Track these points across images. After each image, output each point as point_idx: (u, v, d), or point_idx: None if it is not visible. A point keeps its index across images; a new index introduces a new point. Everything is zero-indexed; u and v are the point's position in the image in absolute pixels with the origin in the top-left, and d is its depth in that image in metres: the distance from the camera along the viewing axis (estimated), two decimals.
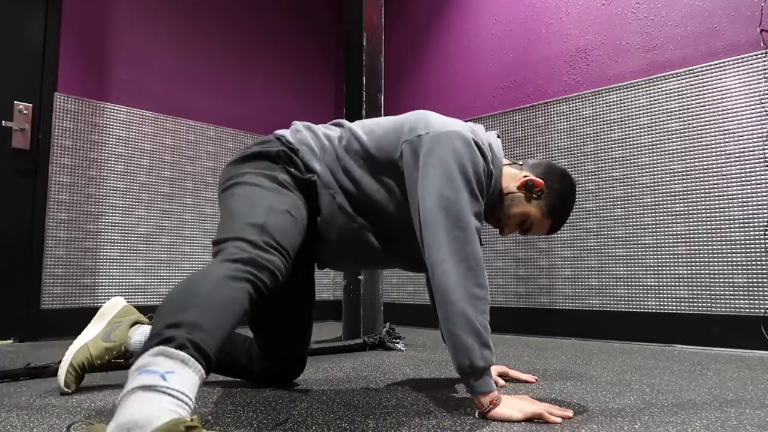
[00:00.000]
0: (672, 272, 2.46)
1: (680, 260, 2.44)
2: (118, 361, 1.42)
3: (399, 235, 1.33)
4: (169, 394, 0.74)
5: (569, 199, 1.36)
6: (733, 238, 2.31)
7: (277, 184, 1.21)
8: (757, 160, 2.28)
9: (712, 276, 2.35)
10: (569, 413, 1.11)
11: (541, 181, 1.33)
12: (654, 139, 2.56)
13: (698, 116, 2.44)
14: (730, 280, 2.30)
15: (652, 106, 2.58)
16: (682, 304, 2.42)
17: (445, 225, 1.15)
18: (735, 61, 2.36)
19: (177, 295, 0.89)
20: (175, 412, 0.72)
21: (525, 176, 1.34)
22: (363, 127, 1.33)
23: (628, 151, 2.64)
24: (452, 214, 1.15)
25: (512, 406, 1.10)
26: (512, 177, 1.35)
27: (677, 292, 2.44)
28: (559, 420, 1.08)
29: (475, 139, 1.23)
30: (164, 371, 0.76)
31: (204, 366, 0.82)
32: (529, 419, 1.09)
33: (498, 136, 1.38)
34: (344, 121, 1.39)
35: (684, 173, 2.46)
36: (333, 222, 1.29)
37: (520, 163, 1.40)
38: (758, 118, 2.29)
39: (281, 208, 1.14)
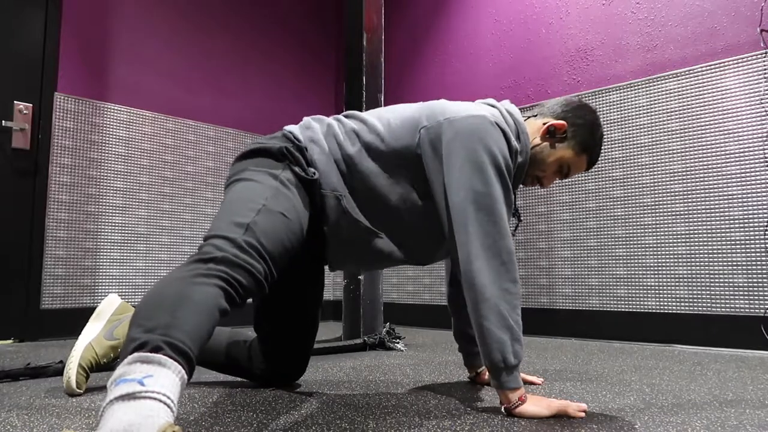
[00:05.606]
0: (672, 272, 2.46)
1: (680, 260, 2.44)
2: None
3: (412, 235, 1.28)
4: (150, 398, 0.71)
5: (595, 127, 1.31)
6: (733, 238, 2.31)
7: (279, 183, 1.16)
8: (757, 160, 2.28)
9: (712, 276, 2.35)
10: (584, 405, 1.14)
11: (562, 122, 1.28)
12: (654, 139, 2.56)
13: (698, 116, 2.44)
14: (730, 280, 2.30)
15: (652, 106, 2.58)
16: (682, 304, 2.42)
17: (477, 220, 1.12)
18: (735, 61, 2.36)
19: (148, 299, 0.87)
20: (157, 417, 0.69)
21: (545, 123, 1.29)
22: (378, 117, 1.28)
23: (628, 151, 2.64)
24: (484, 208, 1.12)
25: (538, 403, 1.12)
26: (535, 129, 1.31)
27: (677, 292, 2.44)
28: (582, 414, 1.11)
29: (497, 122, 1.19)
30: (142, 376, 0.73)
31: (184, 365, 0.79)
32: (555, 415, 1.11)
33: (510, 102, 1.33)
34: (356, 112, 1.33)
35: (684, 173, 2.46)
36: (339, 227, 1.24)
37: (535, 114, 1.34)
38: (758, 118, 2.29)
39: (276, 209, 1.09)
